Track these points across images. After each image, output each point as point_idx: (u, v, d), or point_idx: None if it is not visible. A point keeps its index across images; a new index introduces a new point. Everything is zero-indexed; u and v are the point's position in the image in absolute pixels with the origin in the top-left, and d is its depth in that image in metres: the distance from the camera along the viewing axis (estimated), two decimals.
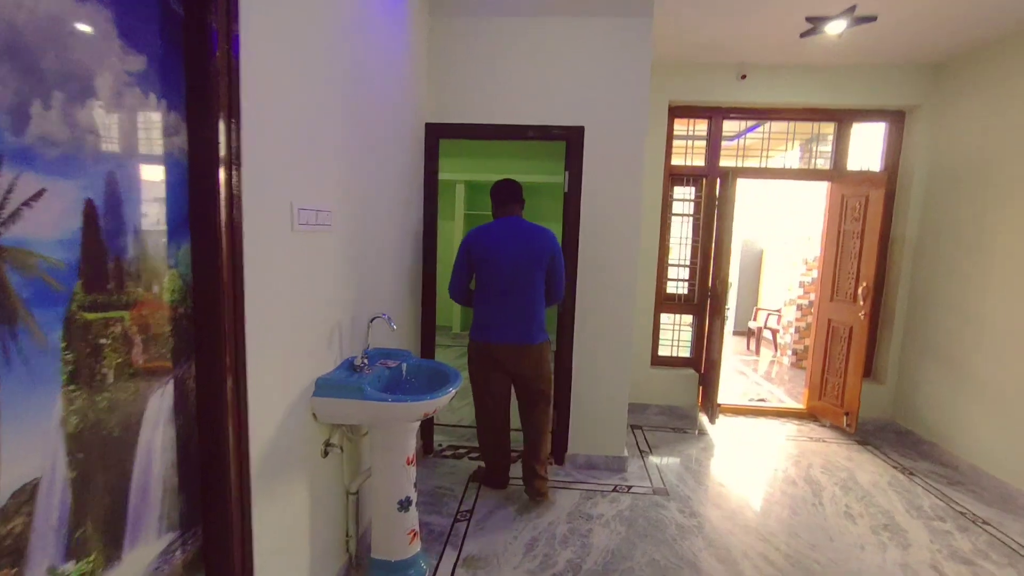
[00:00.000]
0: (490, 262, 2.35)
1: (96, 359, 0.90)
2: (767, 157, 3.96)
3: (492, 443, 2.58)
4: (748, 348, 6.92)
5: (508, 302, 2.35)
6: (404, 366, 1.98)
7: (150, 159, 0.99)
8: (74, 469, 0.87)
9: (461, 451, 3.07)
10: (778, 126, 3.94)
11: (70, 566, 0.88)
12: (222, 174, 1.11)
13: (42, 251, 0.79)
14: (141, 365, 1.00)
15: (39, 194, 0.78)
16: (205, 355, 1.14)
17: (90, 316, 0.88)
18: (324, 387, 1.60)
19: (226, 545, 1.23)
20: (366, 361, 1.81)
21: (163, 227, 1.03)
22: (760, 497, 2.68)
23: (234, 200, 1.14)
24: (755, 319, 7.17)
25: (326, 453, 1.70)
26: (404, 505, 1.81)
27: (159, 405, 1.05)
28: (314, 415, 1.61)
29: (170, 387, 1.08)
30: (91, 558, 0.92)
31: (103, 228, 0.89)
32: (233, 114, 1.12)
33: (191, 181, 1.09)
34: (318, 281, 1.59)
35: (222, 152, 1.10)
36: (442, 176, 2.92)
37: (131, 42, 0.93)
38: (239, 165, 1.14)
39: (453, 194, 5.90)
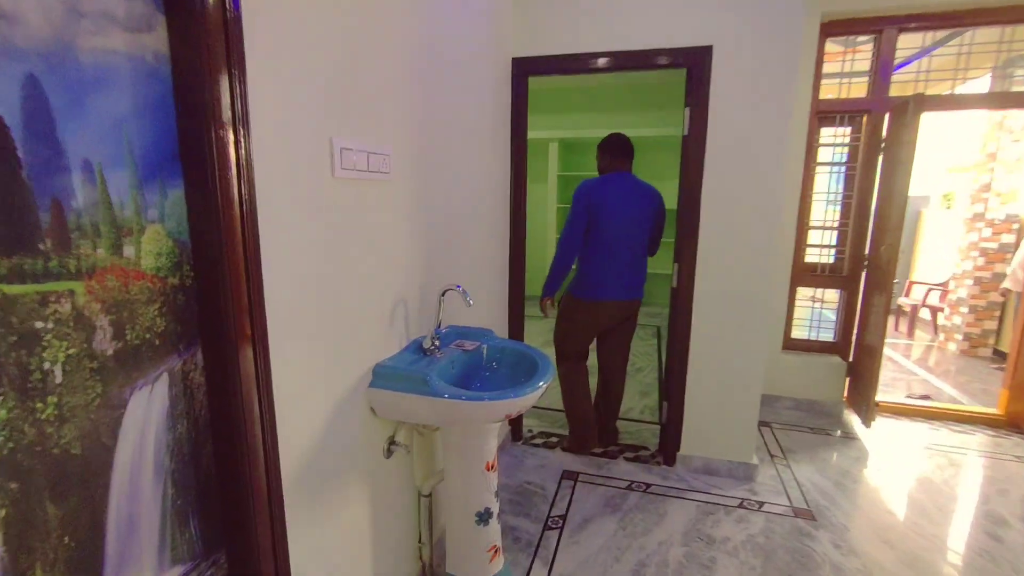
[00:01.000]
0: (606, 217, 2.31)
1: (29, 350, 0.63)
2: (959, 81, 2.97)
3: (581, 402, 2.54)
4: (896, 329, 5.77)
5: (622, 258, 2.36)
6: (484, 349, 1.63)
7: (105, 66, 0.68)
8: (3, 505, 0.62)
9: (553, 439, 2.72)
10: (983, 35, 2.91)
11: None
12: (223, 89, 0.79)
13: None
14: (111, 356, 0.73)
15: None
16: (211, 339, 0.86)
17: (11, 289, 0.60)
18: (382, 376, 1.30)
19: (255, 573, 0.97)
20: (437, 343, 1.48)
21: (132, 165, 0.73)
22: (955, 539, 2.00)
23: (239, 130, 0.82)
24: (907, 295, 5.94)
25: (389, 452, 1.42)
26: (483, 518, 1.49)
27: (146, 408, 0.78)
28: (372, 409, 1.32)
29: (163, 383, 0.81)
30: None
31: (23, 160, 0.60)
32: (234, 50, 0.79)
33: (179, 101, 0.78)
34: (374, 242, 1.27)
35: (219, 61, 0.78)
36: (534, 134, 2.52)
37: None
38: (243, 79, 0.82)
39: (545, 154, 5.43)
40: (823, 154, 3.14)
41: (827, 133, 3.12)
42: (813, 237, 3.24)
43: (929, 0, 2.64)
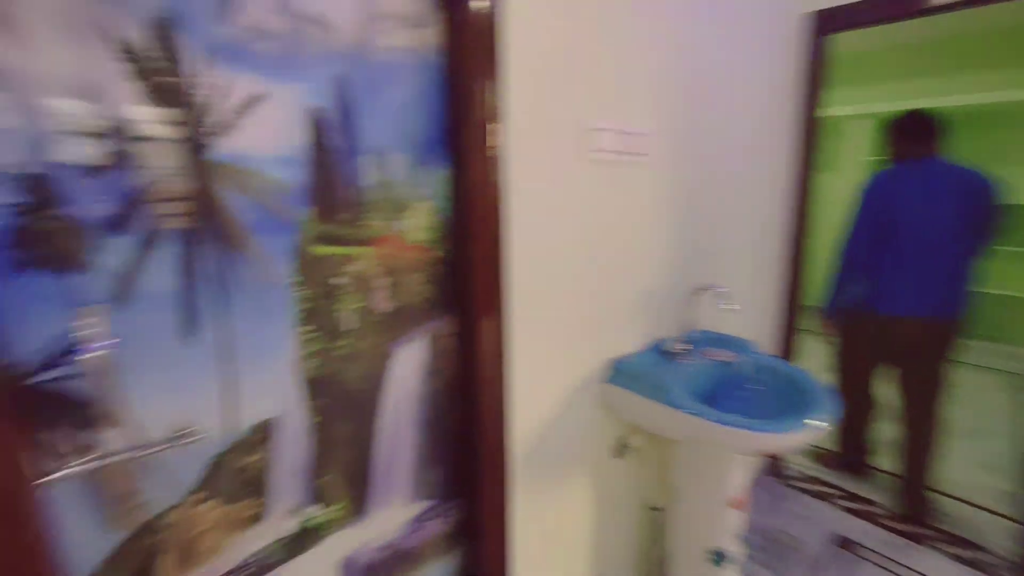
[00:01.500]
0: (900, 214, 1.85)
1: (331, 300, 0.79)
2: None
3: (850, 413, 2.18)
4: None
5: (922, 263, 1.86)
6: (743, 363, 1.38)
7: (394, 61, 0.80)
8: (313, 414, 0.80)
9: (826, 489, 2.17)
10: None
11: (315, 510, 0.83)
12: (482, 79, 0.83)
13: (264, 169, 0.69)
14: (386, 313, 0.86)
15: (258, 100, 0.67)
16: (461, 310, 0.94)
17: (322, 250, 0.77)
18: (619, 373, 1.22)
19: (479, 533, 1.04)
20: (685, 347, 1.32)
21: (410, 147, 0.84)
22: None
23: (494, 117, 0.86)
24: None
25: (620, 453, 1.34)
26: (717, 559, 1.27)
27: (408, 361, 0.91)
28: (606, 404, 1.26)
29: (422, 343, 0.92)
30: (338, 506, 0.86)
31: (335, 145, 0.75)
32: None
33: (451, 91, 0.86)
34: (623, 229, 1.20)
35: (480, 51, 0.82)
36: (832, 110, 2.04)
37: None
38: (501, 68, 0.85)
39: (840, 135, 4.30)
40: None
41: None
42: None
43: None
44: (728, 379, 1.36)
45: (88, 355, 0.56)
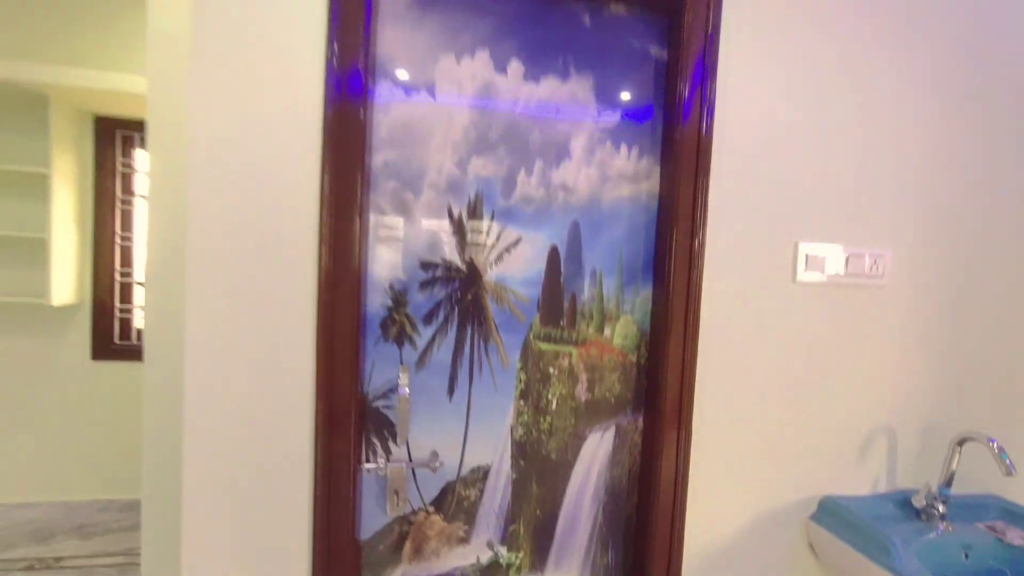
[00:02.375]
0: None
1: (543, 385, 1.02)
2: None
3: None
4: None
5: None
6: None
7: (614, 208, 1.03)
8: (515, 472, 1.03)
9: None
10: None
11: (504, 550, 1.04)
12: (688, 223, 0.99)
13: (514, 287, 0.99)
14: (583, 402, 1.05)
15: (516, 242, 0.99)
16: (649, 410, 1.06)
17: (543, 346, 1.02)
18: (828, 513, 1.09)
19: None
20: (941, 508, 1.09)
21: (619, 272, 1.04)
22: None
23: (696, 256, 0.99)
24: None
25: None
26: None
27: (596, 447, 1.06)
28: (811, 547, 1.14)
29: (610, 434, 1.07)
30: (519, 554, 1.05)
31: (563, 271, 1.01)
32: (701, 172, 0.99)
33: (660, 227, 1.04)
34: (847, 357, 1.12)
35: (688, 201, 0.99)
36: None
37: (607, 104, 1.01)
38: (705, 208, 0.99)
39: None
40: None
41: None
42: None
43: None
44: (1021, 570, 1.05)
45: (398, 396, 0.91)
